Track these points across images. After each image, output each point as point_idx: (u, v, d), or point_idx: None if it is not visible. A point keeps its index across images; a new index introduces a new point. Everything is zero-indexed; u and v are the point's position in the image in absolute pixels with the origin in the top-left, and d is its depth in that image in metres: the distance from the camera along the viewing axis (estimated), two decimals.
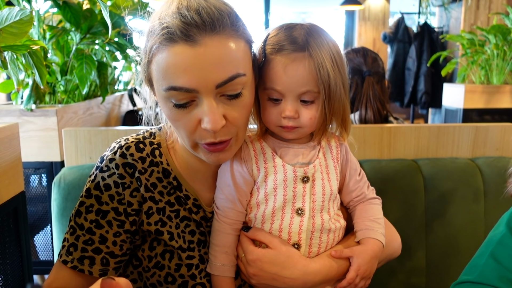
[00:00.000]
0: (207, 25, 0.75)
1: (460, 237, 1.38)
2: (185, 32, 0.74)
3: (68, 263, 0.85)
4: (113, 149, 0.92)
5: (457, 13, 5.27)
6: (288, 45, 0.84)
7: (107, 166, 0.89)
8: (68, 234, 0.88)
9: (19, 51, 0.95)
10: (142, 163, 0.91)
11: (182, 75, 0.75)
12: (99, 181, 0.89)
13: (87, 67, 1.51)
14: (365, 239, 0.91)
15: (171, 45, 0.75)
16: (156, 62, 0.78)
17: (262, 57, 0.86)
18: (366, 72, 1.81)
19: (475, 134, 1.48)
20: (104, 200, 0.87)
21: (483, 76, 3.57)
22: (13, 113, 1.52)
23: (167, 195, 0.92)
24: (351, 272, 0.88)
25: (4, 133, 1.04)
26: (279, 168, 0.88)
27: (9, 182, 1.07)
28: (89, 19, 1.59)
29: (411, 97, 5.27)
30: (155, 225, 0.90)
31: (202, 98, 0.78)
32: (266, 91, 0.86)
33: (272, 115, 0.87)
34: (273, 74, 0.84)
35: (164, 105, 0.82)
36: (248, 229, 0.91)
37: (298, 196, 0.88)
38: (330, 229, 0.90)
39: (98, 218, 0.87)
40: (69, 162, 1.37)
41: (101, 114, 1.92)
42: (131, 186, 0.89)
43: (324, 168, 0.91)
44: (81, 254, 0.86)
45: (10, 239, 1.11)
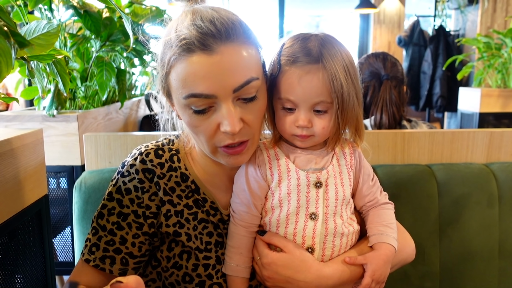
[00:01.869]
0: (222, 34, 0.80)
1: (474, 242, 1.38)
2: (202, 41, 0.79)
3: (91, 262, 0.91)
4: (134, 155, 0.97)
5: (473, 16, 5.23)
6: (303, 57, 0.86)
7: (128, 172, 0.94)
8: (90, 234, 0.94)
9: (45, 61, 0.99)
10: (160, 169, 0.95)
11: (201, 82, 0.80)
12: (120, 185, 0.94)
13: (107, 74, 1.56)
14: (378, 244, 0.93)
15: (189, 55, 0.80)
16: (175, 72, 0.83)
17: (277, 67, 0.89)
18: (384, 76, 1.82)
19: (489, 139, 1.49)
20: (125, 203, 0.92)
21: (499, 80, 3.54)
22: (36, 118, 1.57)
23: (185, 198, 0.96)
24: (366, 278, 0.89)
25: (30, 138, 1.09)
26: (292, 174, 0.91)
27: (33, 186, 1.11)
28: (109, 27, 1.63)
29: (427, 101, 5.24)
30: (173, 226, 0.94)
31: (220, 103, 0.82)
32: (281, 101, 0.89)
33: (286, 124, 0.90)
34: (288, 85, 0.87)
35: (183, 113, 0.86)
36: (264, 233, 0.94)
37: (312, 201, 0.90)
38: (343, 233, 0.92)
39: (119, 220, 0.92)
40: (89, 166, 1.41)
41: (119, 119, 1.97)
42: (149, 190, 0.93)
43: (338, 174, 0.94)
44: (103, 253, 0.91)
45: (34, 240, 1.15)
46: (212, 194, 0.98)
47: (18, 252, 1.07)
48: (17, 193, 1.04)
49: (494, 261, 1.40)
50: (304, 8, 9.72)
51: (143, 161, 0.95)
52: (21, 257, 1.08)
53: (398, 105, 1.79)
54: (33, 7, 1.40)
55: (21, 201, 1.06)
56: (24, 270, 1.10)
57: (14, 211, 1.02)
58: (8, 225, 1.00)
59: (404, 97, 1.85)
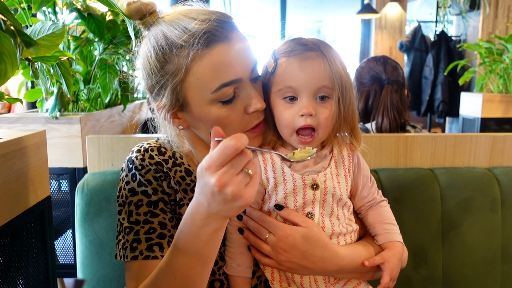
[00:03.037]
0: (228, 22, 0.87)
1: (477, 247, 1.38)
2: (221, 31, 0.84)
3: (139, 257, 0.89)
4: (138, 151, 0.98)
5: (474, 22, 5.24)
6: (300, 47, 0.89)
7: (141, 165, 0.95)
8: (124, 234, 0.92)
9: (49, 62, 0.99)
10: (166, 164, 0.97)
11: (229, 69, 0.84)
12: (139, 179, 0.94)
13: (110, 76, 1.57)
14: (389, 243, 0.95)
15: (212, 48, 0.84)
16: (197, 71, 0.84)
17: (274, 63, 0.90)
18: (385, 80, 1.82)
19: (492, 143, 1.48)
20: (150, 193, 0.93)
21: (501, 85, 3.54)
22: (39, 120, 1.57)
23: (191, 192, 0.97)
24: (385, 277, 0.91)
25: (33, 140, 1.09)
26: (288, 177, 0.91)
27: (36, 187, 1.11)
28: (112, 30, 1.64)
29: (428, 106, 5.24)
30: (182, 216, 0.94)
31: (243, 87, 0.88)
32: (281, 92, 0.89)
33: (289, 116, 0.88)
34: (288, 73, 0.88)
35: (209, 111, 0.87)
36: (281, 208, 0.92)
37: (308, 202, 0.91)
38: (341, 233, 0.93)
39: (150, 209, 0.92)
40: (92, 169, 1.41)
41: (122, 121, 1.97)
42: (166, 179, 0.96)
43: (335, 177, 0.94)
44: (147, 244, 0.89)
45: (36, 242, 1.15)
46: None
47: (20, 253, 1.07)
48: (19, 194, 1.03)
49: (497, 266, 1.39)
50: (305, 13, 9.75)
51: (151, 157, 0.97)
52: (23, 258, 1.08)
53: (400, 109, 1.80)
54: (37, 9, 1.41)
55: (24, 202, 1.06)
56: (26, 272, 1.10)
57: (16, 212, 1.02)
58: (10, 226, 0.99)
59: (405, 101, 1.85)
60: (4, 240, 1.00)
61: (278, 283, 0.95)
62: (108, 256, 1.32)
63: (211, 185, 0.68)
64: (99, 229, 1.31)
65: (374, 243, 0.98)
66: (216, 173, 0.68)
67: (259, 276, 0.98)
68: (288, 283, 0.95)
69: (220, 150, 0.68)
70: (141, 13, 0.90)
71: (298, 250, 0.88)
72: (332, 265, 0.90)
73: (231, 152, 0.67)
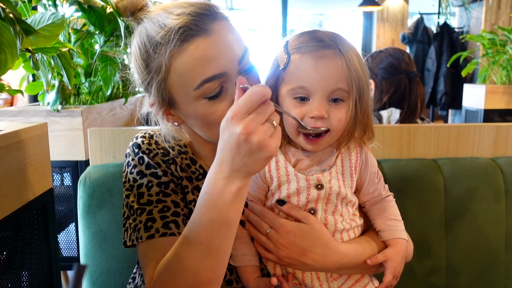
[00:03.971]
0: (210, 13, 0.83)
1: (481, 237, 1.37)
2: (199, 24, 0.80)
3: (155, 235, 0.85)
4: (143, 137, 0.97)
5: (477, 13, 5.21)
6: (316, 43, 0.83)
7: (148, 149, 0.94)
8: (136, 216, 0.88)
9: (49, 53, 0.99)
10: (172, 151, 0.96)
11: (210, 64, 0.80)
12: (148, 161, 0.92)
13: (111, 69, 1.56)
14: (393, 240, 0.94)
15: (189, 43, 0.80)
16: (177, 68, 0.82)
17: (286, 58, 0.85)
18: (412, 73, 1.89)
19: (496, 134, 1.47)
20: (160, 174, 0.91)
21: (504, 77, 3.53)
22: (40, 113, 1.57)
23: (196, 180, 0.96)
24: (388, 275, 0.90)
25: (34, 132, 1.09)
26: (291, 177, 0.89)
27: (38, 179, 1.11)
28: (113, 23, 1.63)
29: (431, 98, 5.23)
30: (189, 204, 0.93)
31: (230, 81, 0.83)
32: (292, 91, 0.85)
33: (298, 116, 0.83)
34: (302, 72, 0.83)
35: (195, 108, 0.84)
36: (283, 204, 0.90)
37: (312, 201, 0.89)
38: (344, 229, 0.92)
39: (161, 189, 0.90)
40: (94, 161, 1.41)
41: (123, 115, 1.97)
42: (174, 162, 0.95)
43: (341, 175, 0.91)
44: (163, 221, 0.86)
45: (39, 234, 1.15)
46: None
47: (23, 246, 1.07)
48: (22, 186, 1.03)
49: (501, 256, 1.39)
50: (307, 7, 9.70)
51: (157, 142, 0.96)
52: (26, 251, 1.08)
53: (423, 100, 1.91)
54: (37, 2, 1.40)
55: (26, 194, 1.06)
56: (30, 264, 1.10)
57: (19, 204, 1.02)
58: (13, 218, 0.99)
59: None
60: (7, 232, 1.00)
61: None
62: (111, 248, 1.32)
63: (237, 133, 0.67)
64: (101, 222, 1.31)
65: (377, 238, 0.97)
66: (243, 121, 0.67)
67: (262, 269, 0.98)
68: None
69: (247, 97, 0.67)
70: (130, 10, 0.88)
71: (299, 247, 0.87)
72: (333, 263, 0.88)
73: (258, 98, 0.67)
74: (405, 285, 1.36)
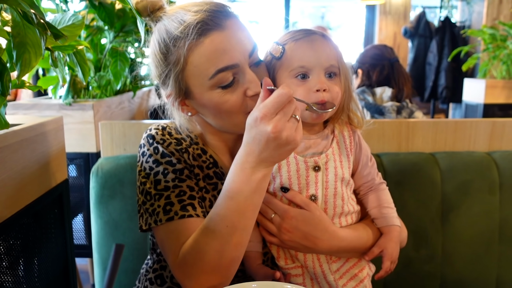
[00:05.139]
0: (224, 11, 0.92)
1: (476, 227, 1.43)
2: (214, 20, 0.89)
3: (174, 217, 0.90)
4: (157, 128, 1.03)
5: (479, 8, 5.22)
6: (304, 32, 0.96)
7: (162, 139, 1.00)
8: (153, 201, 0.93)
9: (66, 51, 1.04)
10: (184, 142, 1.03)
11: (224, 56, 0.89)
12: (163, 150, 0.99)
13: (121, 63, 1.61)
14: (386, 228, 1.02)
15: (205, 37, 0.89)
16: (194, 60, 0.90)
17: (281, 49, 0.95)
18: (394, 59, 2.34)
19: (491, 129, 1.53)
20: (175, 162, 0.97)
21: (504, 71, 3.56)
22: (53, 107, 1.63)
23: (206, 168, 1.03)
24: (385, 262, 0.99)
25: (51, 125, 1.14)
26: (291, 160, 0.97)
27: (55, 170, 1.17)
28: (122, 19, 1.68)
29: (432, 92, 5.26)
30: (200, 191, 0.99)
31: (242, 72, 0.91)
32: (292, 72, 0.94)
33: (303, 92, 0.93)
34: (300, 53, 0.94)
35: (210, 97, 0.92)
36: (287, 191, 0.98)
37: (311, 183, 0.97)
38: (343, 213, 1.00)
39: (177, 175, 0.96)
40: (105, 153, 1.47)
41: (131, 108, 2.03)
42: (188, 150, 1.01)
43: (338, 157, 0.99)
44: (180, 204, 0.92)
45: (55, 222, 1.21)
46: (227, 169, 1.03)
47: (41, 232, 1.13)
48: (40, 177, 1.09)
49: (494, 246, 1.45)
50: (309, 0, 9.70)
51: (170, 133, 1.03)
52: (44, 237, 1.14)
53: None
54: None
55: (44, 184, 1.12)
56: (47, 250, 1.16)
57: (38, 193, 1.08)
58: (33, 206, 1.06)
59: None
60: (28, 220, 1.06)
61: (283, 260, 1.01)
62: (122, 236, 1.38)
63: (267, 132, 0.75)
64: (113, 211, 1.38)
65: (373, 225, 1.05)
66: (272, 121, 0.76)
67: (266, 253, 1.04)
68: (293, 261, 1.01)
69: (274, 98, 0.76)
70: (150, 10, 0.96)
71: (301, 231, 0.95)
72: (332, 246, 0.97)
73: (284, 99, 0.76)
74: (403, 273, 1.43)
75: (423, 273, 1.44)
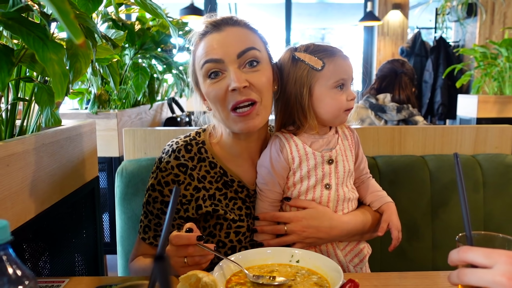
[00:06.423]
0: (228, 20, 1.11)
1: (462, 222, 1.57)
2: (214, 24, 1.09)
3: (146, 240, 1.15)
4: (167, 152, 1.18)
5: (472, 28, 5.46)
6: (335, 48, 1.15)
7: (165, 168, 1.15)
8: (143, 217, 1.17)
9: (104, 63, 1.22)
10: (192, 162, 1.17)
11: (213, 50, 1.07)
12: (160, 179, 1.15)
13: (142, 77, 1.79)
14: (385, 205, 1.21)
15: (204, 37, 1.10)
16: (196, 56, 1.11)
17: (321, 63, 1.10)
18: (400, 70, 2.72)
19: (476, 134, 1.70)
20: (165, 193, 1.14)
21: (496, 87, 3.74)
22: (80, 116, 1.80)
23: (215, 182, 1.17)
24: (394, 232, 1.16)
25: (87, 127, 1.32)
26: (310, 156, 1.13)
27: (89, 167, 1.34)
28: (142, 37, 1.87)
29: (428, 109, 5.44)
30: (210, 206, 1.14)
31: (228, 69, 1.06)
32: (335, 83, 1.11)
33: (342, 102, 1.11)
34: (340, 67, 1.11)
35: (204, 85, 1.10)
36: (289, 199, 1.16)
37: (326, 174, 1.14)
38: (350, 198, 1.17)
39: (162, 207, 1.14)
40: (128, 156, 1.63)
41: (147, 119, 2.20)
42: (184, 182, 1.15)
43: (343, 152, 1.17)
44: (154, 233, 1.14)
45: (87, 214, 1.37)
46: (238, 175, 1.18)
47: (77, 221, 1.29)
48: (78, 172, 1.26)
49: None
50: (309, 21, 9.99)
51: (177, 158, 1.15)
52: (78, 226, 1.30)
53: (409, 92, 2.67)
54: None
55: (81, 179, 1.29)
56: (81, 237, 1.32)
57: (75, 186, 1.25)
58: (71, 197, 1.22)
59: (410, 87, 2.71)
60: (66, 209, 1.22)
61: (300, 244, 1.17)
62: None
63: None
64: (136, 207, 1.53)
65: (368, 208, 1.22)
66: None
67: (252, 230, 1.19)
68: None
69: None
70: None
71: (313, 227, 1.11)
72: (340, 230, 1.13)
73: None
74: (397, 264, 1.58)
75: (416, 264, 1.58)
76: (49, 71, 0.77)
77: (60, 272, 1.17)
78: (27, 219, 0.96)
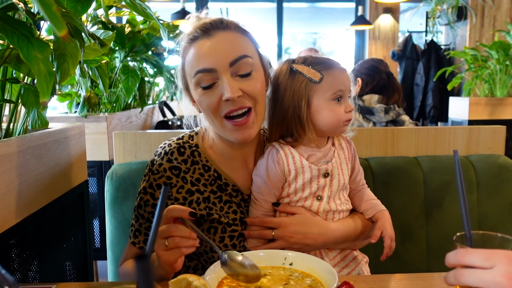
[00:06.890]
0: (218, 23, 1.06)
1: (456, 223, 1.58)
2: (203, 29, 1.05)
3: (136, 244, 1.12)
4: (160, 154, 1.15)
5: (462, 31, 5.50)
6: (331, 60, 1.13)
7: (157, 170, 1.13)
8: (134, 221, 1.14)
9: (92, 65, 1.20)
10: (185, 164, 1.14)
11: (203, 59, 1.04)
12: (152, 181, 1.12)
13: (132, 80, 1.77)
14: (379, 213, 1.18)
15: (194, 42, 1.06)
16: (186, 61, 1.08)
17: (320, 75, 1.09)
18: (389, 72, 2.60)
19: (468, 135, 1.69)
20: (157, 196, 1.12)
21: (487, 90, 3.76)
22: (69, 119, 1.77)
23: (210, 185, 1.14)
24: (387, 240, 1.13)
25: (76, 130, 1.29)
26: (306, 169, 1.11)
27: (78, 171, 1.31)
28: (132, 40, 1.85)
29: (420, 112, 5.46)
30: (204, 210, 1.12)
31: (221, 78, 1.03)
32: (333, 95, 1.09)
33: (340, 114, 1.10)
34: (338, 78, 1.10)
35: (195, 94, 1.07)
36: (278, 205, 1.14)
37: (320, 187, 1.12)
38: (342, 210, 1.16)
39: (153, 210, 1.11)
40: (118, 160, 1.60)
41: (138, 123, 2.18)
42: (177, 185, 1.12)
43: (339, 165, 1.15)
44: (145, 237, 1.11)
45: (77, 218, 1.35)
46: (232, 178, 1.16)
47: (65, 225, 1.27)
48: (66, 175, 1.24)
49: None
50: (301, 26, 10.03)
51: (169, 160, 1.13)
52: (67, 230, 1.28)
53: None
54: None
55: (69, 182, 1.26)
56: (69, 242, 1.29)
57: (63, 190, 1.22)
58: (59, 201, 1.19)
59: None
60: (54, 213, 1.19)
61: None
62: None
63: None
64: (126, 212, 1.50)
65: (360, 215, 1.20)
66: None
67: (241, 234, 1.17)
68: None
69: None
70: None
71: (300, 233, 1.09)
72: (328, 238, 1.11)
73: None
74: (390, 267, 1.56)
75: (410, 266, 1.57)
76: (34, 69, 0.75)
77: (49, 279, 1.15)
78: (12, 223, 0.93)
